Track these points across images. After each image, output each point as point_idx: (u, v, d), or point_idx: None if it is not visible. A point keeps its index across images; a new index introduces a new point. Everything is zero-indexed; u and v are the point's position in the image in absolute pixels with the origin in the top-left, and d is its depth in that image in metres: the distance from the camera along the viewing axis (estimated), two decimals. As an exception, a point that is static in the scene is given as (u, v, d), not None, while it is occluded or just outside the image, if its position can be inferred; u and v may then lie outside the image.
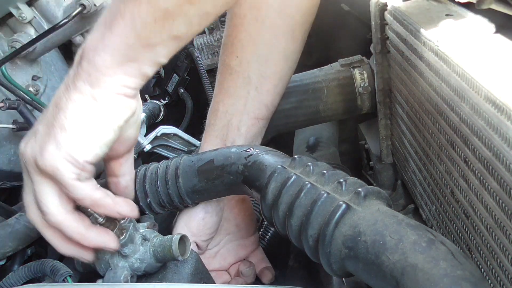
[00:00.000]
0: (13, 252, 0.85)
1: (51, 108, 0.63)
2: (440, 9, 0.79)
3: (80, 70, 0.61)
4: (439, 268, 0.47)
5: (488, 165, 0.59)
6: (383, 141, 1.08)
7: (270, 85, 0.96)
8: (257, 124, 0.96)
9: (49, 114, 0.62)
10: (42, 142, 0.61)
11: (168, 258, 0.71)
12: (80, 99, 0.61)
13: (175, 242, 0.70)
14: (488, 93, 0.56)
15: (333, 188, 0.63)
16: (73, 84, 0.61)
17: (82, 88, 0.61)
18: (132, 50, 0.60)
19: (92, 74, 0.61)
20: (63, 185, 0.62)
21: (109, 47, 0.60)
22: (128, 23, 0.58)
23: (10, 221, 0.84)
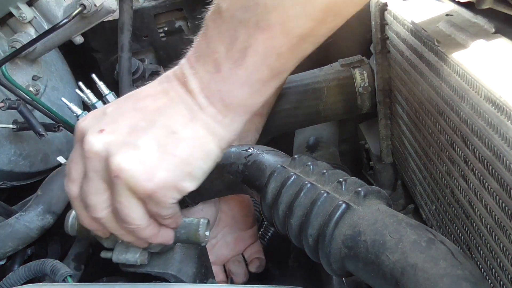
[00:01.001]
0: (13, 252, 0.85)
1: (162, 130, 0.58)
2: (440, 9, 0.79)
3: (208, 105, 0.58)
4: (439, 267, 0.47)
5: (488, 165, 0.59)
6: (383, 141, 1.08)
7: None
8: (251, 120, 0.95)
9: (158, 132, 0.58)
10: (152, 165, 0.57)
11: (191, 241, 0.71)
12: (205, 136, 0.59)
13: (203, 226, 0.70)
14: (488, 93, 0.56)
15: (333, 187, 0.63)
16: (199, 117, 0.58)
17: (210, 126, 0.59)
18: (262, 83, 0.58)
19: (221, 112, 0.58)
20: (158, 206, 0.60)
21: (240, 84, 0.57)
22: (261, 57, 0.55)
23: (10, 221, 0.84)
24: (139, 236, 0.64)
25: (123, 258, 0.69)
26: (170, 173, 0.57)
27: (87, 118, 0.62)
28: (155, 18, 1.47)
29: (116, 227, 0.63)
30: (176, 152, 0.57)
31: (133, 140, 0.57)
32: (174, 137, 0.58)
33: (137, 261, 0.69)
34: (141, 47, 1.52)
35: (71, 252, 0.93)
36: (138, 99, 0.61)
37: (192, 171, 0.59)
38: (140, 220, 0.61)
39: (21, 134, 1.06)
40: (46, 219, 0.86)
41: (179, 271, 0.74)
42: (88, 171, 0.59)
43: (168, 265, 0.74)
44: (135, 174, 0.56)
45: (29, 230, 0.84)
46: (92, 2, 1.02)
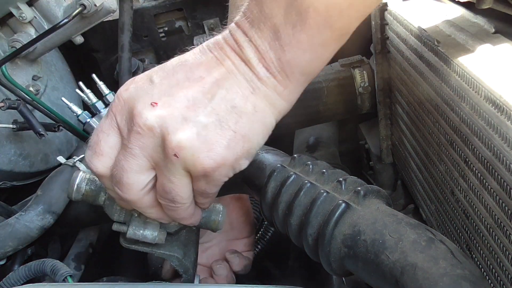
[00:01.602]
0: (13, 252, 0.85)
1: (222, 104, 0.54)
2: (440, 9, 0.79)
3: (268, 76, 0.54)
4: (438, 267, 0.47)
5: (488, 165, 0.59)
6: (383, 141, 1.08)
7: None
8: None
9: (218, 107, 0.54)
10: (212, 142, 0.54)
11: (208, 226, 0.69)
12: (265, 110, 0.56)
13: (224, 213, 0.68)
14: (488, 93, 0.56)
15: (332, 187, 0.63)
16: (259, 89, 0.55)
17: (270, 98, 0.56)
18: (324, 46, 0.53)
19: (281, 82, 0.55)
20: (210, 184, 0.58)
21: (302, 50, 0.53)
22: (323, 16, 0.50)
23: (10, 221, 0.84)
24: (175, 216, 0.61)
25: (140, 234, 0.65)
26: (230, 150, 0.54)
27: (130, 87, 0.56)
28: (155, 18, 1.48)
29: (148, 206, 0.60)
30: (237, 128, 0.54)
31: (192, 115, 0.53)
32: (234, 111, 0.54)
33: (155, 239, 0.66)
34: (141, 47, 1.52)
35: (71, 252, 0.94)
36: (190, 68, 0.56)
37: (251, 148, 0.56)
38: (187, 199, 0.59)
39: (21, 134, 1.06)
40: (46, 219, 0.86)
41: (184, 255, 0.72)
42: (133, 147, 0.54)
43: (174, 247, 0.72)
44: (196, 152, 0.53)
45: (29, 230, 0.84)
46: (92, 2, 1.02)
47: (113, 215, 0.66)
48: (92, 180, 0.68)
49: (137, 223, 0.65)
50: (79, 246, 0.95)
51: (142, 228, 0.65)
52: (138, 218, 0.65)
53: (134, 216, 0.65)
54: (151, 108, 0.53)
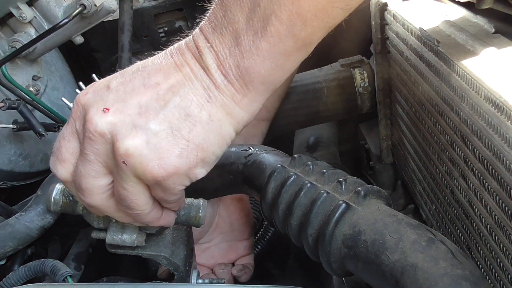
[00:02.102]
0: (13, 252, 0.85)
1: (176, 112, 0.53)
2: (440, 9, 0.79)
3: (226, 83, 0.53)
4: (439, 267, 0.47)
5: (488, 165, 0.59)
6: (383, 141, 1.08)
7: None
8: (257, 124, 0.96)
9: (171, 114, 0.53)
10: (163, 151, 0.52)
11: (189, 223, 0.68)
12: (221, 119, 0.54)
13: (203, 208, 0.67)
14: (488, 93, 0.56)
15: (332, 187, 0.63)
16: (216, 98, 0.53)
17: (227, 107, 0.54)
18: (286, 56, 0.52)
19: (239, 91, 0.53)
20: (165, 193, 0.56)
21: (262, 58, 0.51)
22: (285, 25, 0.49)
23: (10, 221, 0.84)
24: (140, 220, 0.61)
25: (119, 239, 0.65)
26: (183, 159, 0.53)
27: (88, 92, 0.56)
28: (155, 18, 1.47)
29: (114, 210, 0.59)
30: (191, 137, 0.53)
31: (143, 122, 0.52)
32: (188, 120, 0.53)
33: (134, 242, 0.65)
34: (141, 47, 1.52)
35: (71, 252, 0.94)
36: (148, 73, 0.55)
37: (206, 157, 0.55)
38: (145, 206, 0.58)
39: (21, 134, 1.06)
40: (46, 219, 0.86)
41: (172, 253, 0.72)
42: (88, 153, 0.54)
43: (160, 247, 0.71)
44: (145, 160, 0.52)
45: (29, 230, 0.84)
46: (92, 2, 1.02)
47: (92, 223, 0.66)
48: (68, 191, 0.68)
49: (115, 228, 0.65)
50: (79, 246, 0.95)
51: (120, 233, 0.65)
52: (116, 223, 0.65)
53: (112, 221, 0.65)
54: (103, 114, 0.53)
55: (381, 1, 0.91)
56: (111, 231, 0.65)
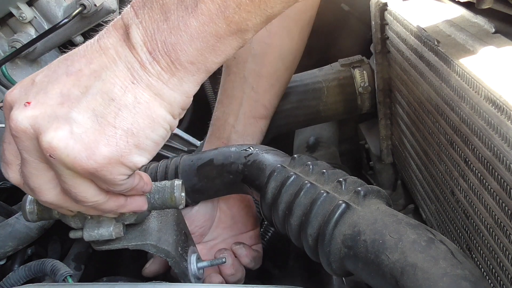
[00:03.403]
0: (13, 252, 0.85)
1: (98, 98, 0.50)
2: (440, 9, 0.79)
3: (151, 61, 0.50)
4: (438, 267, 0.47)
5: (488, 165, 0.59)
6: (383, 141, 1.08)
7: (267, 85, 0.96)
8: (255, 123, 0.96)
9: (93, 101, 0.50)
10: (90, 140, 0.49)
11: (167, 206, 0.66)
12: (149, 101, 0.51)
13: (178, 188, 0.65)
14: (488, 93, 0.56)
15: (332, 187, 0.63)
16: (141, 78, 0.50)
17: (155, 87, 0.50)
18: (217, 38, 0.49)
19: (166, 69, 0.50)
20: (108, 184, 0.53)
21: (190, 36, 0.49)
22: (217, 5, 0.47)
23: (10, 221, 0.84)
24: (103, 210, 0.58)
25: (96, 234, 0.63)
26: (112, 147, 0.50)
27: (15, 88, 0.53)
28: (155, 18, 1.47)
29: (73, 204, 0.56)
30: (117, 123, 0.49)
31: (64, 112, 0.49)
32: (113, 105, 0.49)
33: (112, 235, 0.63)
34: (141, 47, 1.52)
35: (71, 252, 0.93)
36: (72, 61, 0.52)
37: (140, 143, 0.51)
38: (94, 197, 0.54)
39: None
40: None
41: (158, 240, 0.69)
42: (21, 151, 0.52)
43: (146, 235, 0.69)
44: (71, 153, 0.49)
45: (29, 230, 0.84)
46: (92, 2, 1.02)
47: (69, 223, 0.65)
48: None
49: (90, 224, 0.64)
50: (79, 246, 0.95)
51: (96, 228, 0.63)
52: (92, 219, 0.64)
53: (88, 218, 0.64)
54: (23, 108, 0.50)
55: (381, 1, 0.91)
56: (87, 227, 0.64)
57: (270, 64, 0.96)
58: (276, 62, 0.96)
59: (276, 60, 0.96)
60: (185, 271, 0.74)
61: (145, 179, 0.60)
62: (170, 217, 0.73)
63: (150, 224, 0.70)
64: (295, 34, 0.96)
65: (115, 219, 0.64)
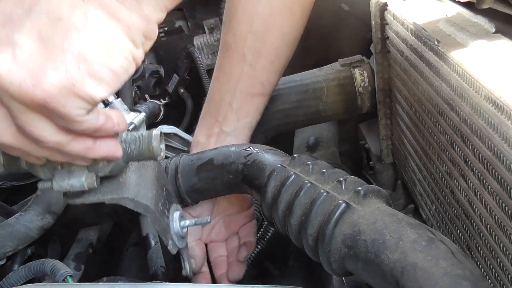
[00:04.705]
0: (13, 252, 0.85)
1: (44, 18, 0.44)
2: (440, 9, 0.79)
3: None
4: (439, 267, 0.47)
5: (488, 165, 0.59)
6: (383, 141, 1.08)
7: (266, 62, 0.95)
8: (251, 100, 0.95)
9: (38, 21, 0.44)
10: (36, 65, 0.44)
11: (144, 157, 0.61)
12: (102, 21, 0.45)
13: (156, 138, 0.60)
14: (488, 93, 0.56)
15: (332, 187, 0.63)
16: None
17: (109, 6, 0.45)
18: None
19: None
20: (65, 121, 0.47)
21: None
22: None
23: (10, 221, 0.84)
24: (69, 153, 0.52)
25: (66, 185, 0.59)
26: (61, 74, 0.44)
27: None
28: (155, 18, 1.47)
29: (35, 147, 0.51)
30: (66, 46, 0.44)
31: (5, 34, 0.44)
32: (60, 24, 0.44)
33: (83, 185, 0.58)
34: (141, 47, 1.52)
35: (71, 252, 0.94)
36: None
37: (94, 71, 0.45)
38: (54, 135, 0.49)
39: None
40: (46, 219, 0.85)
41: (136, 194, 0.65)
42: None
43: (123, 189, 0.64)
44: (15, 80, 0.43)
45: (29, 230, 0.84)
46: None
47: (38, 174, 0.60)
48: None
49: (60, 174, 0.59)
50: (79, 246, 0.95)
51: (66, 178, 0.59)
52: (62, 169, 0.59)
53: (58, 169, 0.59)
54: None
55: (381, 1, 0.91)
56: (57, 177, 0.59)
57: (270, 42, 0.94)
58: (277, 40, 0.95)
59: (277, 38, 0.95)
60: (166, 228, 0.70)
61: (115, 119, 0.54)
62: (150, 171, 0.69)
63: (127, 178, 0.65)
64: (297, 12, 0.95)
65: (88, 169, 0.59)
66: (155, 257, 0.90)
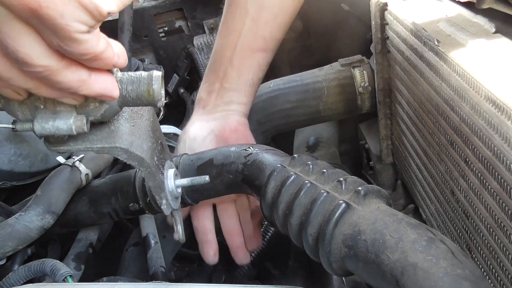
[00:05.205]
0: (13, 252, 0.85)
1: None
2: (440, 9, 0.79)
3: None
4: (439, 267, 0.47)
5: (488, 165, 0.59)
6: (383, 141, 1.08)
7: (269, 16, 0.92)
8: (252, 56, 0.93)
9: None
10: None
11: (142, 101, 0.53)
12: None
13: (157, 80, 0.53)
14: (488, 93, 0.56)
15: (332, 187, 0.62)
16: None
17: None
18: None
19: None
20: (59, 36, 0.40)
21: None
22: None
23: (10, 221, 0.84)
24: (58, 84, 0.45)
25: (50, 127, 0.51)
26: None
27: None
28: (155, 18, 1.48)
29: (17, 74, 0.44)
30: None
31: None
32: None
33: (71, 129, 0.51)
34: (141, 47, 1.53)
35: (71, 252, 0.94)
36: None
37: None
38: (43, 57, 0.42)
39: (21, 134, 1.06)
40: (46, 219, 0.85)
41: (130, 144, 0.58)
42: None
43: (115, 138, 0.57)
44: None
45: (29, 230, 0.84)
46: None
47: (16, 113, 0.52)
48: None
49: (43, 115, 0.51)
50: (79, 246, 0.95)
51: (51, 119, 0.51)
52: (45, 109, 0.51)
53: (39, 108, 0.51)
54: None
55: (381, 1, 0.91)
56: (39, 118, 0.51)
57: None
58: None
59: None
60: (161, 185, 0.65)
61: (116, 49, 0.47)
62: (144, 121, 0.62)
63: (120, 126, 0.58)
64: None
65: (76, 110, 0.51)
66: (155, 257, 0.90)
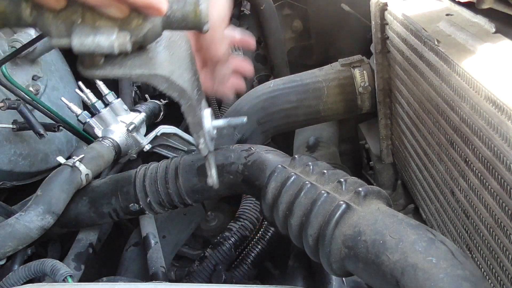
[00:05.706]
0: (13, 252, 0.85)
1: None
2: (440, 9, 0.79)
3: None
4: (439, 267, 0.47)
5: (488, 165, 0.59)
6: (383, 141, 1.08)
7: None
8: None
9: None
10: None
11: (187, 23, 0.49)
12: None
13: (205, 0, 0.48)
14: (489, 93, 0.56)
15: (333, 187, 0.62)
16: None
17: None
18: None
19: None
20: None
21: None
22: None
23: (10, 221, 0.84)
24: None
25: (90, 43, 0.45)
26: None
27: None
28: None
29: None
30: None
31: None
32: None
33: (113, 46, 0.46)
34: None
35: (71, 252, 0.94)
36: None
37: None
38: None
39: (21, 134, 1.06)
40: (46, 219, 0.85)
41: (171, 73, 0.53)
42: None
43: (155, 65, 0.52)
44: None
45: (29, 230, 0.84)
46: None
47: (50, 29, 0.47)
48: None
49: (82, 28, 0.46)
50: (79, 246, 0.95)
51: (91, 34, 0.45)
52: (83, 23, 0.46)
53: (76, 23, 0.46)
54: None
55: (381, 1, 0.91)
56: (78, 32, 0.45)
57: None
58: None
59: None
60: (200, 122, 0.59)
61: None
62: (183, 51, 0.57)
63: (158, 54, 0.53)
64: None
65: (119, 27, 0.47)
66: (155, 257, 0.90)
